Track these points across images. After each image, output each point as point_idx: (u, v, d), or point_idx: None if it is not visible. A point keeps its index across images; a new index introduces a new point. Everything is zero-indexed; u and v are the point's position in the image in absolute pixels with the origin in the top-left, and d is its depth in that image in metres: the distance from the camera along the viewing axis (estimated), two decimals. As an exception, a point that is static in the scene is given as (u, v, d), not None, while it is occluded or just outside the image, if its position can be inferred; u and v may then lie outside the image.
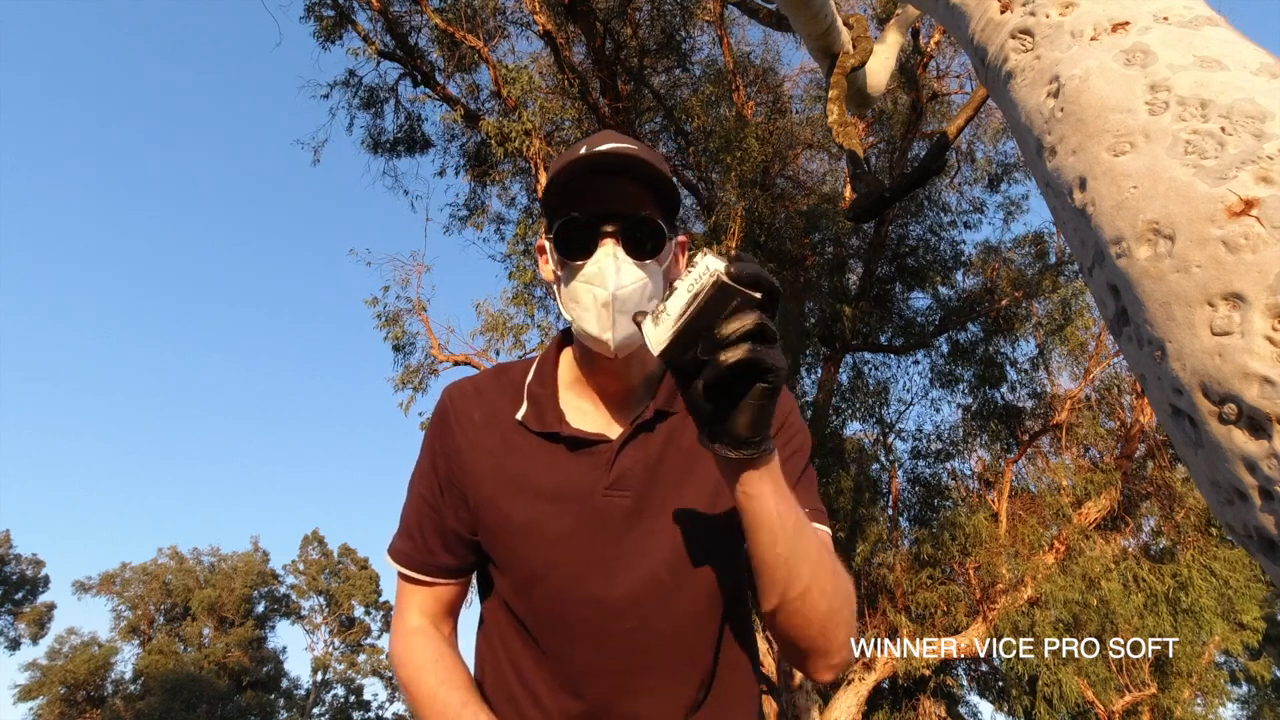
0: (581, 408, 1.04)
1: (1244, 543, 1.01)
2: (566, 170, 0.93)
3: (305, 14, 8.87)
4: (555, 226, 0.96)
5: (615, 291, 0.92)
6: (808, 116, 11.18)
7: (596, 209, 0.94)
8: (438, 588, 1.08)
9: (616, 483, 0.98)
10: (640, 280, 0.94)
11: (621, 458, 0.98)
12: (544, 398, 1.03)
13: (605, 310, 0.92)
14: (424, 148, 10.50)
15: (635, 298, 0.93)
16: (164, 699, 28.26)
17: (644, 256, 0.95)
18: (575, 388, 1.05)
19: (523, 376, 1.07)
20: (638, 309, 0.93)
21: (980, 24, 1.65)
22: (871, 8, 9.71)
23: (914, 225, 11.01)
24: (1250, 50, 1.14)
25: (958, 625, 9.53)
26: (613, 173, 0.94)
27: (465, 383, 1.11)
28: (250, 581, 33.82)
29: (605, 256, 0.93)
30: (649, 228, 0.95)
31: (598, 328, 0.93)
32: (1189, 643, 9.33)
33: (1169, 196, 1.03)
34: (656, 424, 1.01)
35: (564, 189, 0.94)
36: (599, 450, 0.99)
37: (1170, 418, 1.07)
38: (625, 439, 0.99)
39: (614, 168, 0.93)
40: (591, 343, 0.97)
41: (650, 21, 9.73)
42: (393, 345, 9.91)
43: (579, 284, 0.94)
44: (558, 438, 1.00)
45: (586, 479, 0.98)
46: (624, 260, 0.93)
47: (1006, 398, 10.85)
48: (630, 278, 0.93)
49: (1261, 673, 14.71)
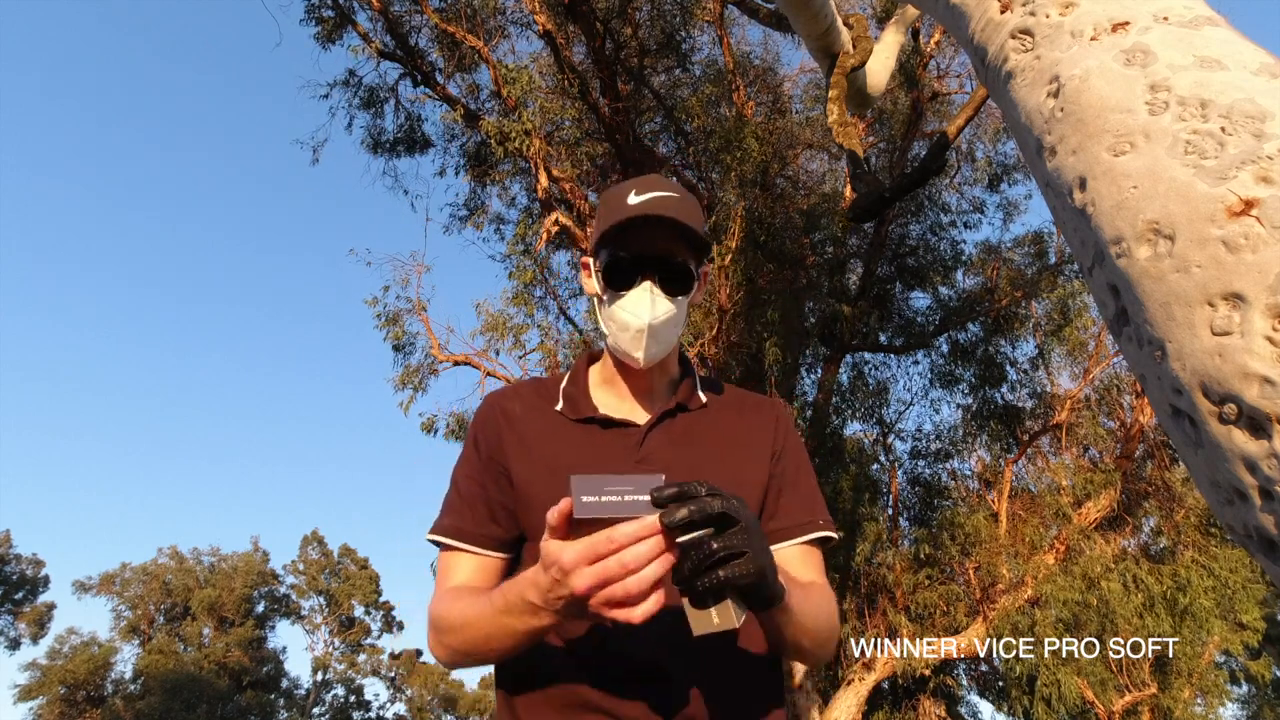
0: (610, 402, 1.20)
1: (1244, 543, 1.01)
2: (619, 217, 1.10)
3: (306, 16, 8.86)
4: (605, 262, 1.15)
5: (650, 322, 1.11)
6: (807, 116, 11.19)
7: (640, 251, 1.13)
8: (477, 558, 1.13)
9: (645, 459, 1.11)
10: (671, 312, 1.13)
11: (649, 439, 1.14)
12: (577, 394, 1.20)
13: (640, 335, 1.12)
14: (424, 148, 10.50)
15: (667, 326, 1.13)
16: (164, 699, 28.26)
17: (675, 294, 1.14)
18: (604, 388, 1.22)
19: (556, 384, 1.24)
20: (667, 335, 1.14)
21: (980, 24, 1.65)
22: (871, 8, 9.72)
23: (914, 225, 11.02)
24: (1250, 50, 1.14)
25: (958, 625, 9.53)
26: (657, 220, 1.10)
27: (504, 388, 1.29)
28: (250, 581, 33.82)
29: (643, 292, 1.12)
30: (681, 272, 1.14)
31: (631, 346, 1.13)
32: (1189, 643, 9.32)
33: (1169, 196, 1.03)
34: (678, 413, 1.18)
35: (615, 230, 1.12)
36: (629, 431, 1.15)
37: (1170, 418, 1.07)
38: (653, 423, 1.15)
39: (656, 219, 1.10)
40: (625, 357, 1.16)
41: (650, 21, 9.73)
42: (393, 345, 9.91)
43: (620, 310, 1.13)
44: (591, 420, 1.16)
45: (618, 456, 1.12)
46: (659, 295, 1.13)
47: (1006, 398, 10.86)
48: (663, 310, 1.13)
49: (1261, 673, 14.70)
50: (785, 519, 1.15)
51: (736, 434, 1.19)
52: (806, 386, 10.66)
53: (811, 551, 1.16)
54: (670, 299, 1.13)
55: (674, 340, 1.18)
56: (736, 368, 8.82)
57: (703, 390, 1.23)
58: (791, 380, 9.77)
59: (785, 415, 1.24)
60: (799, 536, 1.14)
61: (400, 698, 38.28)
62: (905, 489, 11.56)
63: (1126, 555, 9.94)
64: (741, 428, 1.20)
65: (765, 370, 8.71)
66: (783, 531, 1.14)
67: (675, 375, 1.23)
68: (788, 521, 1.15)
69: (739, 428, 1.20)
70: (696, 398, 1.21)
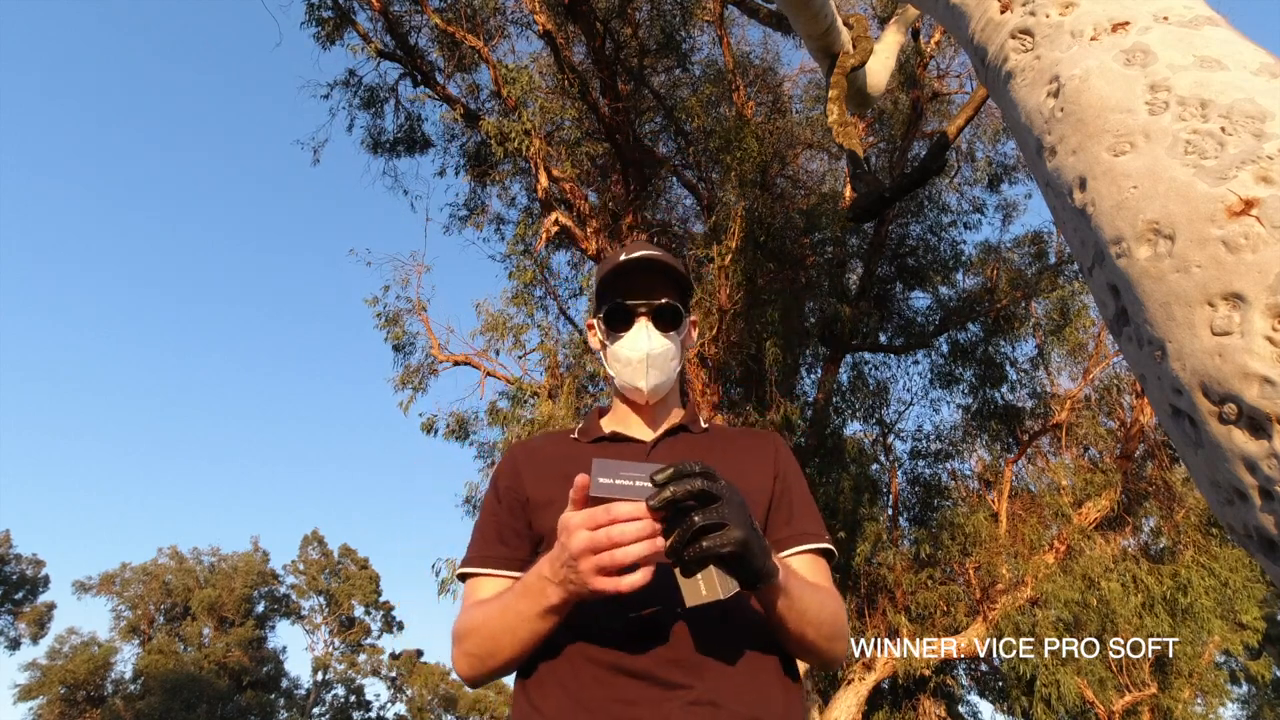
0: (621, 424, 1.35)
1: (1244, 543, 1.01)
2: (613, 271, 1.29)
3: (306, 18, 8.85)
4: (604, 309, 1.31)
5: (649, 351, 1.28)
6: (807, 116, 11.18)
7: (635, 296, 1.30)
8: (495, 579, 1.21)
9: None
10: (666, 346, 1.29)
11: (656, 452, 1.27)
12: (590, 426, 1.36)
13: (641, 364, 1.28)
14: (424, 148, 10.49)
15: (663, 358, 1.29)
16: (164, 699, 28.27)
17: (668, 330, 1.31)
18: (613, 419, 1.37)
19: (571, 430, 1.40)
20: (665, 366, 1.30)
21: (980, 24, 1.65)
22: (871, 8, 9.72)
23: (914, 225, 11.01)
24: (1250, 50, 1.14)
25: (958, 625, 9.53)
26: (647, 270, 1.29)
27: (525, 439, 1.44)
28: (250, 581, 33.81)
29: (640, 329, 1.29)
30: (672, 311, 1.31)
31: (634, 377, 1.28)
32: (1189, 643, 9.32)
33: (1169, 196, 1.03)
34: (681, 433, 1.32)
35: (611, 283, 1.30)
36: (638, 445, 1.29)
37: (1170, 418, 1.07)
38: (659, 438, 1.30)
39: (646, 268, 1.29)
40: (630, 391, 1.31)
41: (650, 21, 9.72)
42: (393, 345, 9.90)
43: (621, 348, 1.29)
44: (601, 439, 1.31)
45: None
46: (654, 332, 1.29)
47: (1006, 398, 10.85)
48: (659, 344, 1.29)
49: (1261, 673, 14.71)
50: (789, 529, 1.23)
51: (739, 451, 1.30)
52: (806, 386, 10.66)
53: (816, 560, 1.23)
54: (664, 335, 1.29)
55: (673, 374, 1.32)
56: (736, 368, 8.82)
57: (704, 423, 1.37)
58: (791, 380, 9.77)
59: (783, 444, 1.35)
60: (802, 545, 1.22)
61: (400, 698, 38.29)
62: (905, 489, 11.56)
63: (1126, 555, 9.94)
64: (743, 448, 1.31)
65: (765, 370, 8.71)
66: (787, 540, 1.22)
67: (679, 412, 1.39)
68: (791, 532, 1.23)
69: (740, 447, 1.31)
70: (699, 424, 1.35)
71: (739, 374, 8.92)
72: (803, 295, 9.49)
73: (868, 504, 10.33)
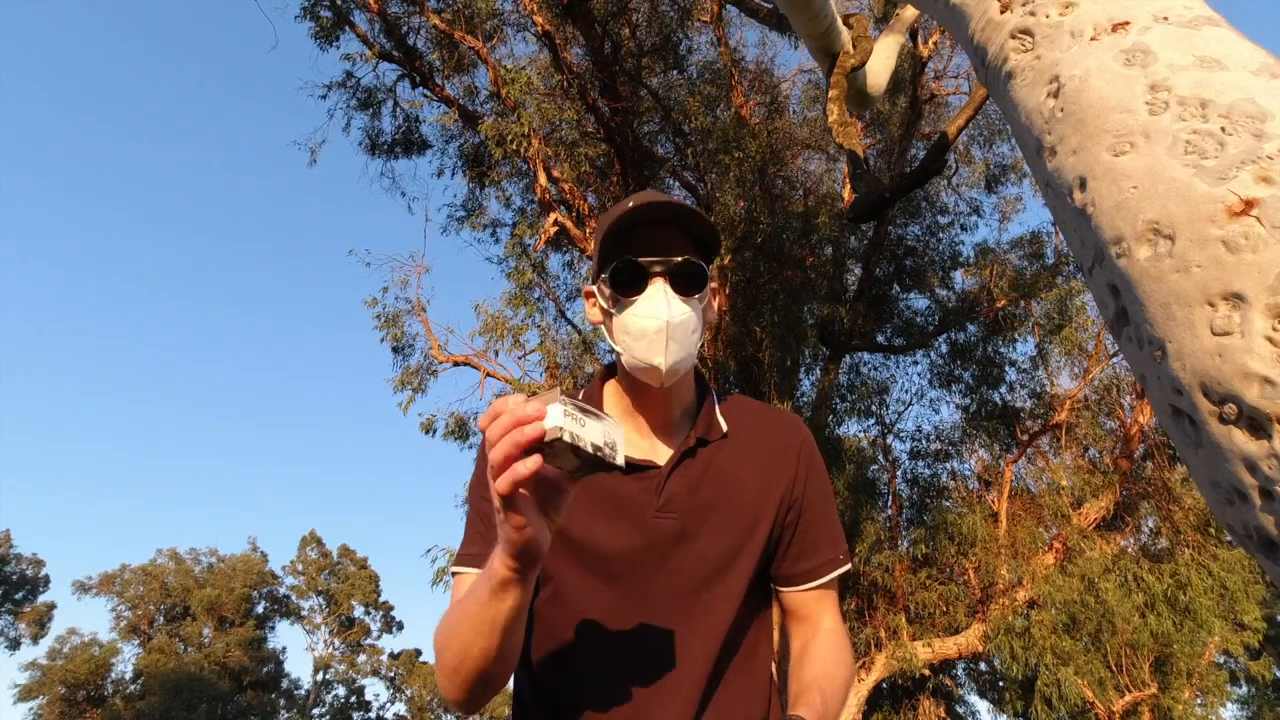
0: (630, 438, 1.11)
1: (1244, 543, 1.00)
2: (620, 220, 1.04)
3: (302, 14, 8.83)
4: (610, 268, 1.06)
5: (669, 319, 1.02)
6: (805, 117, 11.19)
7: (648, 252, 1.05)
8: None
9: (666, 505, 1.07)
10: (687, 313, 1.05)
11: (670, 482, 1.08)
12: None
13: (659, 336, 1.02)
14: (422, 149, 10.48)
15: (685, 328, 1.04)
16: (164, 699, 28.26)
17: (689, 294, 1.06)
18: (622, 419, 1.13)
19: None
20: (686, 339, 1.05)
21: (980, 24, 1.65)
22: (871, 8, 9.72)
23: (912, 226, 11.03)
24: (1250, 50, 1.14)
25: (957, 625, 9.53)
26: (661, 222, 1.05)
27: None
28: (250, 581, 33.81)
29: (657, 292, 1.04)
30: (693, 270, 1.06)
31: (649, 353, 1.03)
32: (1189, 643, 9.32)
33: (1169, 196, 1.03)
34: (698, 450, 1.11)
35: (617, 236, 1.05)
36: (649, 475, 1.08)
37: (1170, 418, 1.07)
38: (673, 465, 1.09)
39: (662, 217, 1.05)
40: (640, 371, 1.07)
41: (648, 22, 9.73)
42: (392, 347, 9.91)
43: (631, 316, 1.04)
44: None
45: (638, 501, 1.07)
46: (673, 296, 1.04)
47: (1005, 398, 10.86)
48: (679, 310, 1.04)
49: (1261, 673, 14.72)
50: (811, 559, 1.15)
51: (758, 463, 1.14)
52: (805, 387, 10.66)
53: (829, 593, 1.17)
54: (684, 299, 1.05)
55: (694, 349, 1.08)
56: (735, 368, 8.82)
57: (722, 413, 1.16)
58: (790, 380, 9.77)
59: (809, 440, 1.19)
60: (823, 577, 1.15)
61: (400, 698, 38.28)
62: (904, 489, 11.56)
63: (1126, 555, 9.95)
64: (764, 456, 1.14)
65: (764, 370, 8.71)
66: (808, 573, 1.15)
67: (693, 400, 1.16)
68: (814, 562, 1.15)
69: (761, 456, 1.14)
70: (717, 426, 1.13)
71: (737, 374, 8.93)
72: (801, 295, 9.49)
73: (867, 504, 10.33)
